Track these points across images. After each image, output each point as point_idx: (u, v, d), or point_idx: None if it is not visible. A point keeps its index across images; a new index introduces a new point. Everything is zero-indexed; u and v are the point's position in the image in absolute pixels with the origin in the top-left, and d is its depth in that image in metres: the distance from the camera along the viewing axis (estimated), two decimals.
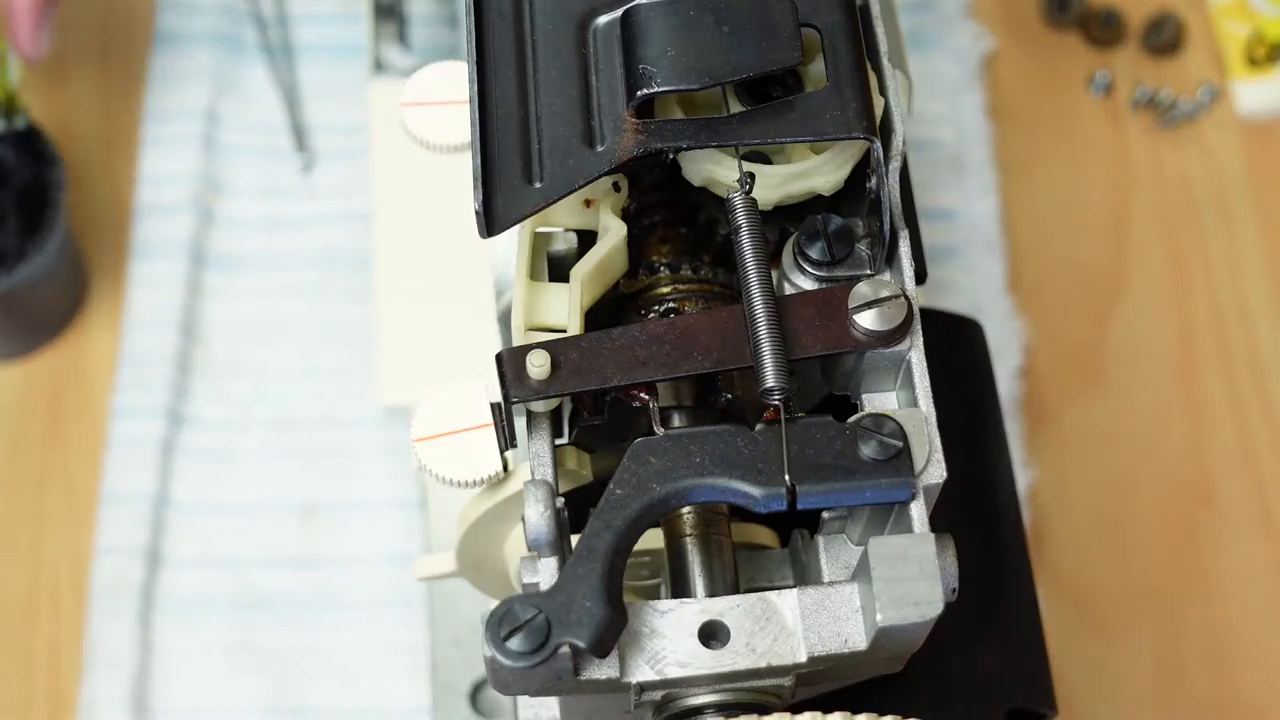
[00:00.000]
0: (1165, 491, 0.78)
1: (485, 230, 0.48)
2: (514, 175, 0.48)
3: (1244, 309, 0.81)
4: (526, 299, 0.50)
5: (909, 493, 0.46)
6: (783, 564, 0.54)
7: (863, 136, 0.47)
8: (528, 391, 0.47)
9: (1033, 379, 0.80)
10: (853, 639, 0.45)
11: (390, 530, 0.76)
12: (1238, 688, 0.74)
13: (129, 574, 0.74)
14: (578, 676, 0.45)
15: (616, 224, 0.51)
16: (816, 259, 0.49)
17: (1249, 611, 0.76)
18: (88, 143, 0.83)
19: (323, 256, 0.81)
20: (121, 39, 0.85)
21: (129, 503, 0.75)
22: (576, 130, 0.48)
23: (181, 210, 0.81)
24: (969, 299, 0.80)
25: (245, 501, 0.76)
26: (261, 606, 0.74)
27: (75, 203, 0.81)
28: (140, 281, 0.80)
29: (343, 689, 0.73)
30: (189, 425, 0.77)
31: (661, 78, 0.47)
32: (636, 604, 0.46)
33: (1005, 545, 0.58)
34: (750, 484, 0.46)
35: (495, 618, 0.44)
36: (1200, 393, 0.80)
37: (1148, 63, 0.87)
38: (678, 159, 0.51)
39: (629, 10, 0.48)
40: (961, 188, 0.83)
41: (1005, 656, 0.57)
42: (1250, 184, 0.84)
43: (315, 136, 0.83)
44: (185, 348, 0.78)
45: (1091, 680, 0.74)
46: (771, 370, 0.46)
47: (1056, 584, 0.76)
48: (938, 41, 0.86)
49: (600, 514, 0.45)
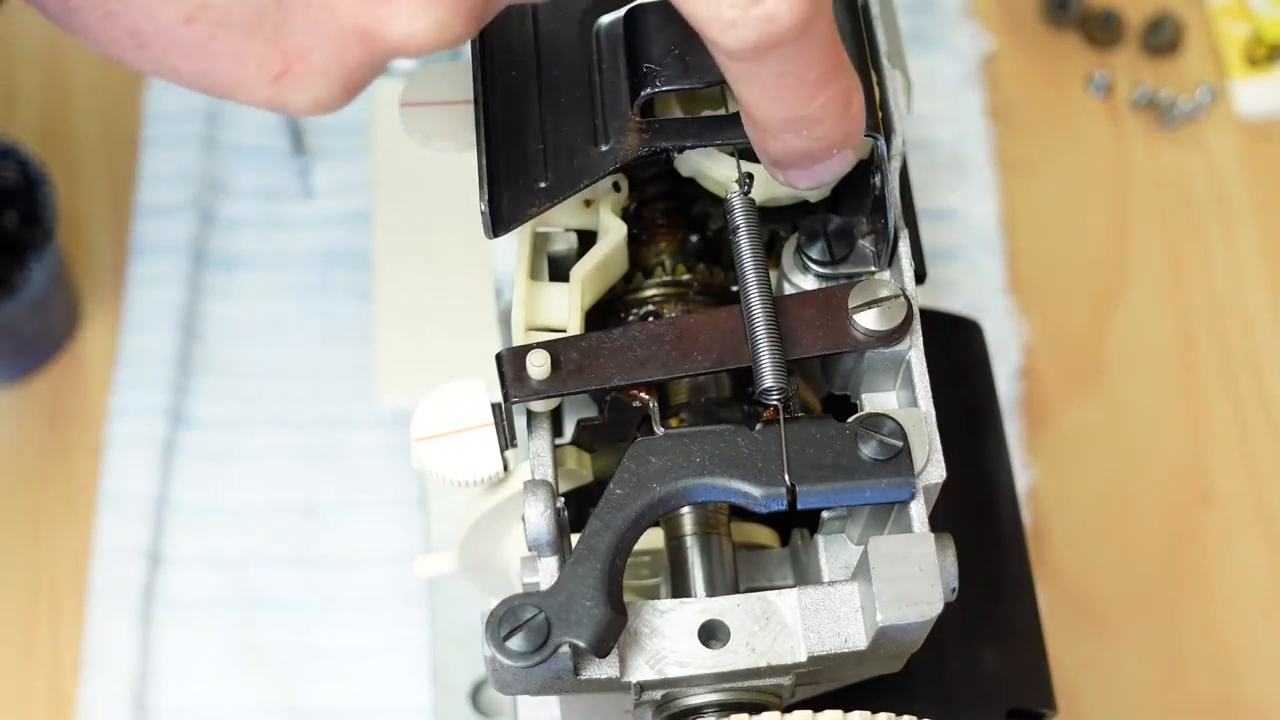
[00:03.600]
0: (1165, 491, 0.78)
1: (491, 231, 0.48)
2: (519, 175, 0.48)
3: (1244, 309, 0.81)
4: (526, 299, 0.50)
5: (909, 492, 0.46)
6: (783, 564, 0.54)
7: (867, 133, 0.47)
8: (528, 391, 0.47)
9: (1033, 379, 0.80)
10: (853, 638, 0.45)
11: (390, 530, 0.76)
12: (1238, 688, 0.74)
13: (129, 574, 0.74)
14: (578, 676, 0.45)
15: (616, 224, 0.51)
16: (817, 259, 0.49)
17: (1249, 611, 0.76)
18: (88, 143, 0.83)
19: (323, 256, 0.81)
20: None
21: (129, 503, 0.75)
22: (580, 130, 0.48)
23: (181, 210, 0.81)
24: (969, 299, 0.80)
25: (245, 501, 0.76)
26: (261, 606, 0.74)
27: (75, 204, 0.81)
28: (140, 281, 0.80)
29: (343, 689, 0.73)
30: (189, 425, 0.77)
31: (665, 77, 0.47)
32: (636, 604, 0.46)
33: (1005, 545, 0.58)
34: (750, 484, 0.46)
35: (495, 618, 0.44)
36: (1200, 393, 0.80)
37: (1147, 63, 0.87)
38: (671, 154, 0.51)
39: (632, 10, 0.48)
40: (961, 188, 0.83)
41: (1005, 656, 0.57)
42: (1250, 184, 0.84)
43: (315, 136, 0.83)
44: (185, 348, 0.78)
45: (1091, 680, 0.74)
46: (770, 370, 0.46)
47: (1056, 584, 0.76)
48: (937, 41, 0.86)
49: (600, 514, 0.45)
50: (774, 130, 0.44)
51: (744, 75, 0.42)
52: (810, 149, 0.44)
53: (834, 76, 0.42)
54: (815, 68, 0.42)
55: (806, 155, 0.44)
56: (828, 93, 0.42)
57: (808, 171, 0.45)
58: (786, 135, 0.44)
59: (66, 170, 0.81)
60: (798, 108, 0.43)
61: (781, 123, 0.43)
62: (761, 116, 0.43)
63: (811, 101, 0.42)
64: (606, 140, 0.48)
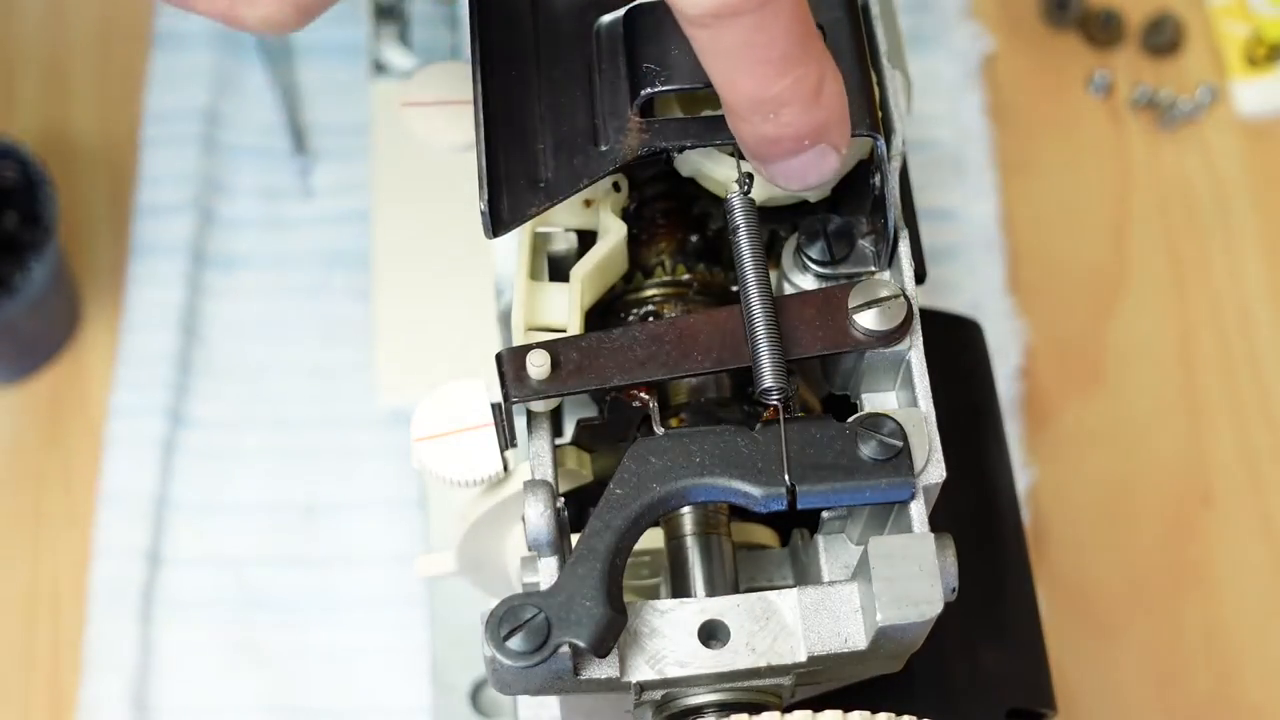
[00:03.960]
0: (1165, 491, 0.78)
1: (491, 231, 0.48)
2: (519, 175, 0.48)
3: (1244, 309, 0.81)
4: (526, 299, 0.50)
5: (909, 492, 0.46)
6: (783, 564, 0.54)
7: (866, 133, 0.47)
8: (528, 391, 0.47)
9: (1033, 379, 0.80)
10: (853, 638, 0.45)
11: (390, 530, 0.76)
12: (1237, 687, 0.74)
13: (129, 574, 0.74)
14: (578, 676, 0.45)
15: (616, 224, 0.51)
16: (817, 259, 0.49)
17: (1249, 611, 0.76)
18: (88, 143, 0.83)
19: (323, 256, 0.81)
20: (121, 39, 0.85)
21: (129, 503, 0.75)
22: (580, 130, 0.48)
23: (181, 210, 0.81)
24: (969, 299, 0.80)
25: (245, 501, 0.76)
26: (261, 606, 0.74)
27: (75, 204, 0.81)
28: (140, 281, 0.80)
29: (343, 689, 0.73)
30: (189, 425, 0.77)
31: (665, 77, 0.47)
32: (636, 604, 0.46)
33: (1005, 545, 0.58)
34: (750, 484, 0.46)
35: (495, 618, 0.44)
36: (1200, 393, 0.80)
37: (1147, 63, 0.87)
38: (671, 154, 0.51)
39: (632, 9, 0.48)
40: (961, 188, 0.83)
41: (1005, 656, 0.57)
42: (1250, 184, 0.84)
43: (315, 137, 0.83)
44: (185, 347, 0.78)
45: (1091, 680, 0.74)
46: (770, 370, 0.46)
47: (1056, 584, 0.76)
48: (937, 41, 0.86)
49: (600, 514, 0.45)
50: (741, 111, 0.43)
51: (707, 46, 0.42)
52: (779, 135, 0.44)
53: (801, 58, 0.42)
54: (779, 43, 0.41)
55: (775, 143, 0.44)
56: (795, 73, 0.42)
57: (786, 168, 0.45)
58: (755, 118, 0.43)
59: (66, 170, 0.81)
60: (763, 86, 0.42)
61: (748, 102, 0.43)
62: (729, 96, 0.43)
63: (778, 80, 0.42)
64: (606, 140, 0.48)
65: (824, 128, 0.44)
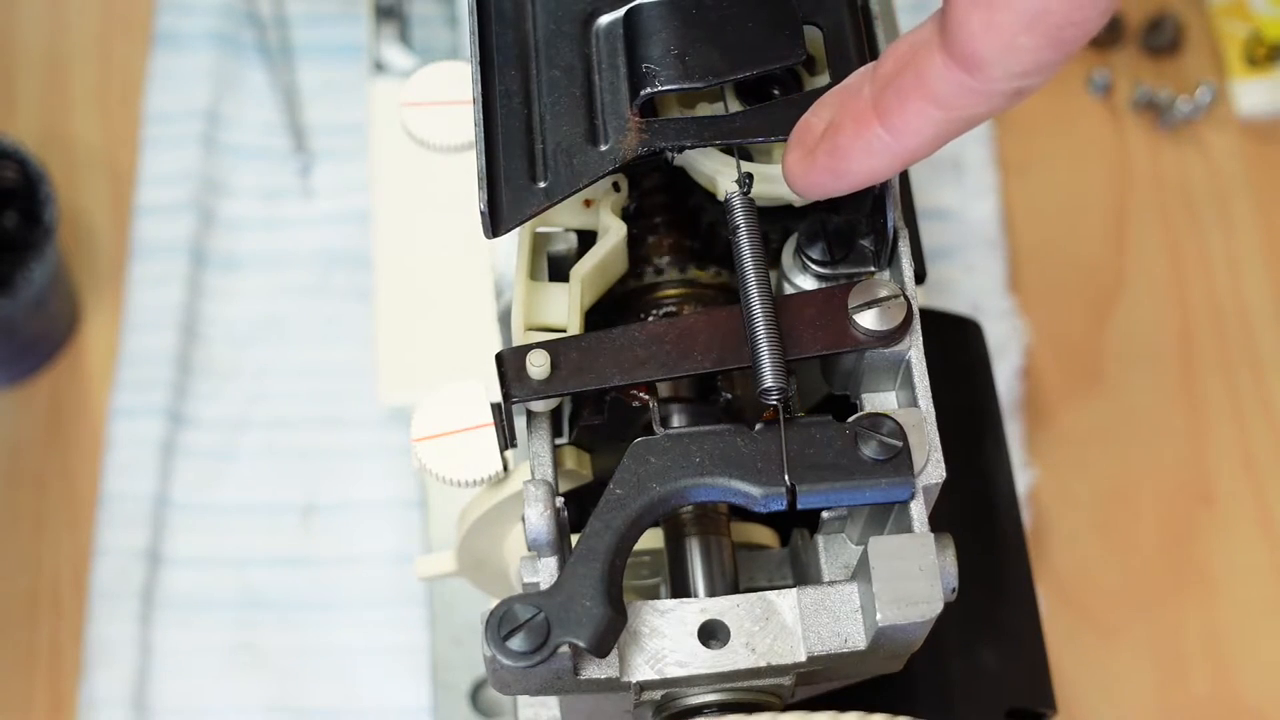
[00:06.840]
0: (1165, 491, 0.78)
1: (490, 231, 0.48)
2: (518, 175, 0.48)
3: (1244, 309, 0.81)
4: (526, 299, 0.50)
5: (909, 492, 0.46)
6: (783, 564, 0.54)
7: None
8: (528, 391, 0.47)
9: (1033, 379, 0.80)
10: (852, 638, 0.45)
11: (390, 530, 0.76)
12: (1237, 688, 0.74)
13: (129, 574, 0.74)
14: (578, 676, 0.45)
15: (616, 224, 0.51)
16: (817, 259, 0.49)
17: (1248, 611, 0.76)
18: (88, 143, 0.83)
19: (323, 256, 0.81)
20: (121, 39, 0.86)
21: (129, 503, 0.75)
22: (580, 129, 0.48)
23: (181, 210, 0.81)
24: (969, 299, 0.80)
25: (245, 501, 0.76)
26: (261, 606, 0.74)
27: (75, 204, 0.81)
28: (140, 281, 0.80)
29: (343, 689, 0.73)
30: (189, 425, 0.77)
31: (665, 77, 0.47)
32: (636, 604, 0.46)
33: (1005, 545, 0.58)
34: (750, 484, 0.46)
35: (495, 618, 0.44)
36: (1200, 393, 0.80)
37: (1147, 63, 0.87)
38: (671, 154, 0.51)
39: (631, 10, 0.48)
40: (961, 188, 0.83)
41: (1005, 656, 0.57)
42: (1250, 184, 0.84)
43: (315, 136, 0.83)
44: (185, 348, 0.78)
45: (1091, 680, 0.74)
46: (770, 370, 0.46)
47: (1056, 584, 0.76)
48: None
49: (600, 514, 0.45)
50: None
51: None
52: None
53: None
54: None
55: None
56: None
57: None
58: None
59: (66, 170, 0.81)
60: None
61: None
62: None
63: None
64: (606, 140, 0.48)
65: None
